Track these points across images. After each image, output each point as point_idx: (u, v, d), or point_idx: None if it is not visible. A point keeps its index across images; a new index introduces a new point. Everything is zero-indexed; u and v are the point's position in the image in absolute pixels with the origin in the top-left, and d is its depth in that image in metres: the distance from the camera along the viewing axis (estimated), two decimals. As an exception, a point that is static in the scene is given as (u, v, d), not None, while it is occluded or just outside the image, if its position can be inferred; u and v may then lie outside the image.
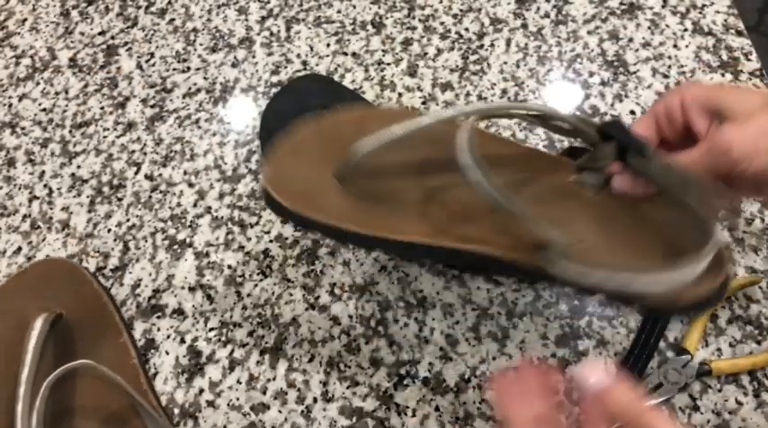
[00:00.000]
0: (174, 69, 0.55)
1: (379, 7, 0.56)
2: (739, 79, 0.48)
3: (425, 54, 0.53)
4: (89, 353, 0.41)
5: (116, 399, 0.39)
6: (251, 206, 0.47)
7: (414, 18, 0.55)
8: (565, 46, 0.52)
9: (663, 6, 0.52)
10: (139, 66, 0.56)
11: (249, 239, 0.46)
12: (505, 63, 0.51)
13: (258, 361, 0.41)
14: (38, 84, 0.57)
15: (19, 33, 0.60)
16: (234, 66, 0.55)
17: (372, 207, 0.33)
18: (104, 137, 0.53)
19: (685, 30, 0.51)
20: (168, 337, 0.43)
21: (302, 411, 0.39)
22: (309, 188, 0.34)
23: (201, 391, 0.41)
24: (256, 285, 0.44)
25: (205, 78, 0.54)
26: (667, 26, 0.51)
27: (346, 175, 0.33)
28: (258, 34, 0.56)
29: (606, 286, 0.29)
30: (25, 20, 0.61)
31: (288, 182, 0.34)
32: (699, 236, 0.28)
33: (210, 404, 0.40)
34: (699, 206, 0.27)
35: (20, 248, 0.48)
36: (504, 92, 0.50)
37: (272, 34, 0.56)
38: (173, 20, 0.58)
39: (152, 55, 0.57)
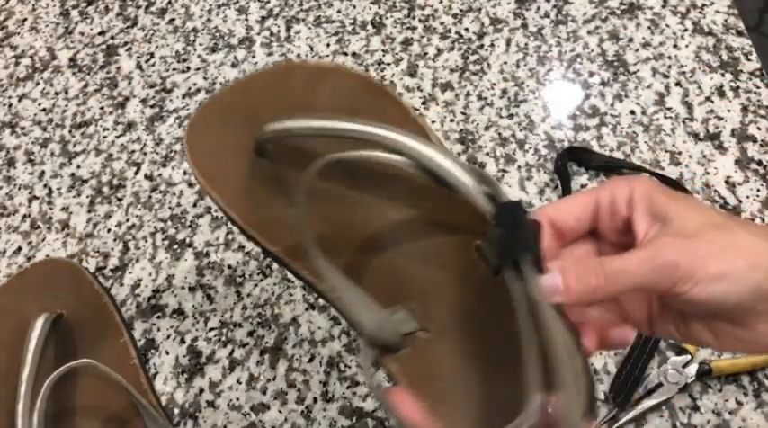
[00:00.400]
0: (174, 69, 0.55)
1: (379, 7, 0.56)
2: (739, 79, 0.48)
3: (425, 54, 0.53)
4: (89, 353, 0.41)
5: (116, 399, 0.39)
6: (251, 206, 0.47)
7: (414, 18, 0.55)
8: (565, 46, 0.52)
9: (663, 6, 0.52)
10: (139, 66, 0.56)
11: (249, 239, 0.46)
12: (505, 63, 0.51)
13: (258, 361, 0.41)
14: (37, 84, 0.57)
15: (19, 33, 0.60)
16: (234, 66, 0.55)
17: (264, 196, 0.28)
18: (104, 137, 0.53)
19: (685, 30, 0.51)
20: (168, 337, 0.43)
21: (302, 411, 0.39)
22: (226, 155, 0.28)
23: (201, 391, 0.41)
24: (256, 285, 0.44)
25: (205, 78, 0.54)
26: (667, 26, 0.51)
27: (261, 151, 0.28)
28: (258, 34, 0.56)
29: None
30: (25, 20, 0.61)
31: (209, 143, 0.28)
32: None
33: (210, 404, 0.40)
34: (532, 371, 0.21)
35: (20, 248, 0.48)
36: (504, 92, 0.50)
37: (272, 34, 0.56)
38: (172, 20, 0.58)
39: (152, 55, 0.57)
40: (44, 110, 0.55)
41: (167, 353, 0.42)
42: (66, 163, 0.52)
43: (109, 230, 0.48)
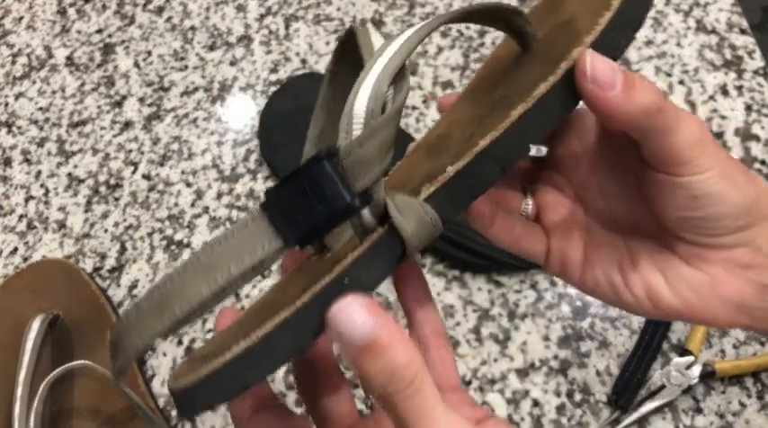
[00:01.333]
0: (172, 68, 0.55)
1: (379, 4, 0.55)
2: (743, 78, 0.47)
3: (426, 52, 0.52)
4: (86, 355, 0.40)
5: (113, 401, 0.39)
6: (249, 206, 0.47)
7: (414, 15, 0.54)
8: (566, 44, 0.51)
9: (666, 4, 0.52)
10: (137, 65, 0.56)
11: (248, 239, 0.45)
12: (506, 61, 0.51)
13: (257, 363, 0.41)
14: (34, 82, 0.56)
15: (15, 32, 0.60)
16: (232, 64, 0.54)
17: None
18: (101, 136, 0.52)
19: (688, 28, 0.50)
20: (165, 338, 0.43)
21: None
22: None
23: (200, 393, 0.41)
24: (254, 286, 0.44)
25: (203, 77, 0.54)
26: (670, 24, 0.51)
27: None
28: (257, 32, 0.56)
29: None
30: (22, 18, 0.61)
31: None
32: None
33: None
34: None
35: (16, 248, 0.48)
36: (505, 90, 0.49)
37: (270, 32, 0.55)
38: (170, 18, 0.58)
39: (149, 53, 0.56)
40: (41, 109, 0.55)
41: (165, 355, 0.42)
42: (62, 162, 0.51)
43: (106, 230, 0.48)
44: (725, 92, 0.47)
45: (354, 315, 0.17)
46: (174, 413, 0.40)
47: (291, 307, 0.18)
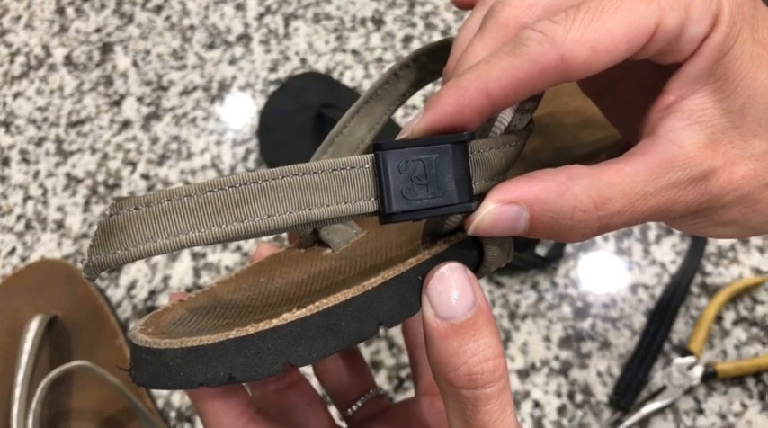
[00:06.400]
0: (171, 67, 0.55)
1: (379, 3, 0.55)
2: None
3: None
4: (85, 355, 0.40)
5: (112, 402, 0.39)
6: (249, 206, 0.47)
7: (414, 15, 0.54)
8: (567, 43, 0.51)
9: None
10: (135, 64, 0.55)
11: (246, 240, 0.45)
12: (507, 60, 0.51)
13: (256, 364, 0.41)
14: (33, 82, 0.56)
15: (13, 31, 0.60)
16: (231, 63, 0.54)
17: None
18: (100, 135, 0.52)
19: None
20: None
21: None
22: None
23: (199, 394, 0.40)
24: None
25: (202, 76, 0.54)
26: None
27: None
28: (256, 31, 0.55)
29: None
30: (20, 17, 0.60)
31: None
32: None
33: (208, 407, 0.40)
34: None
35: (14, 249, 0.48)
36: (506, 90, 0.49)
37: (270, 31, 0.55)
38: (169, 17, 0.58)
39: (148, 52, 0.56)
40: (39, 108, 0.54)
41: (164, 356, 0.42)
42: (61, 162, 0.51)
43: (105, 230, 0.47)
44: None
45: (460, 283, 0.15)
46: (172, 414, 0.40)
47: (351, 291, 0.16)
